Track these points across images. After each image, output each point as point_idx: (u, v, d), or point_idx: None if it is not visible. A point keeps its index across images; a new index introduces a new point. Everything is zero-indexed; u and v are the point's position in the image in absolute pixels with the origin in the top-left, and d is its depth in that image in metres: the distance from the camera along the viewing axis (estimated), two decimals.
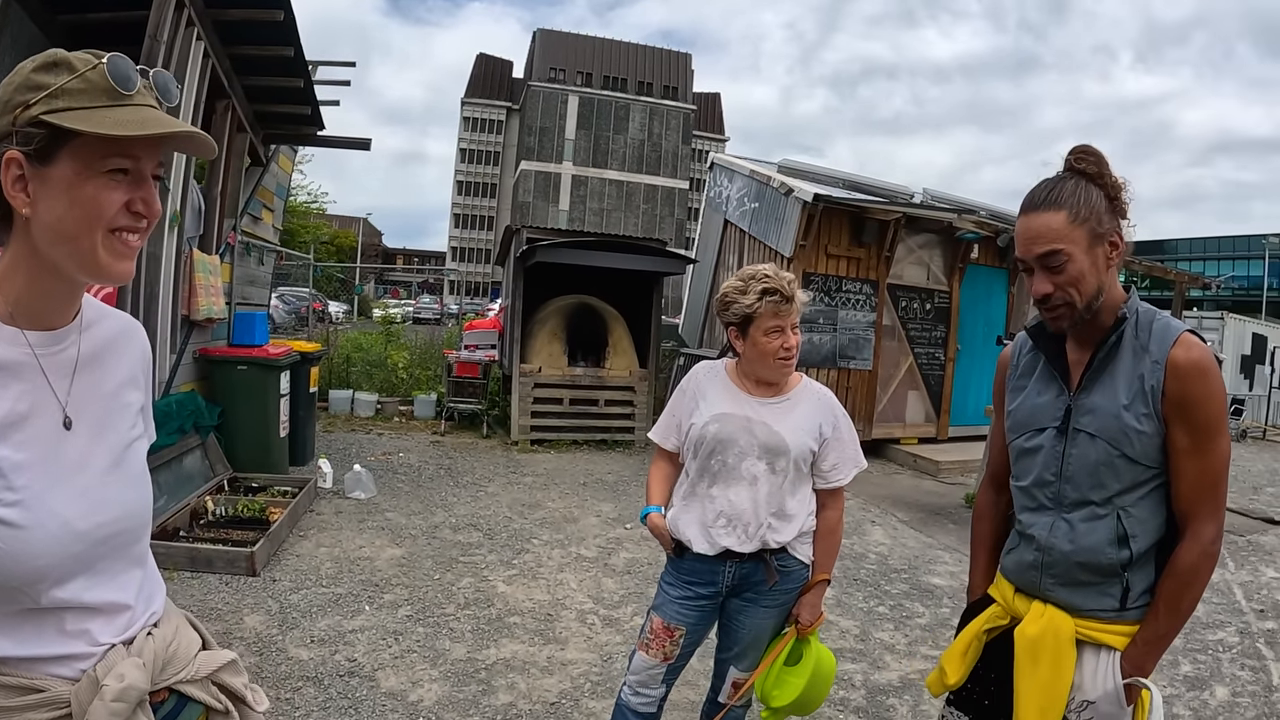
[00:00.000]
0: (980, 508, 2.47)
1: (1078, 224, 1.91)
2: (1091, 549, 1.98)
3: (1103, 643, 2.00)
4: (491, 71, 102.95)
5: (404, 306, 39.02)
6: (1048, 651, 2.00)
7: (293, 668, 4.10)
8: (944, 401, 12.36)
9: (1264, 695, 4.58)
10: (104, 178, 1.18)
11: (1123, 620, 1.99)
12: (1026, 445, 2.15)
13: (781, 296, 2.63)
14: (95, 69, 1.16)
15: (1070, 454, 2.02)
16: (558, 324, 11.16)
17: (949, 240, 12.09)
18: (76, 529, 1.21)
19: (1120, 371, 1.98)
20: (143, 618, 1.36)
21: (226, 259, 7.90)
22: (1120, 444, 1.94)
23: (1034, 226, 1.95)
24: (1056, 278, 1.94)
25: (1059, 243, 1.91)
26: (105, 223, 1.20)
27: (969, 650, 2.23)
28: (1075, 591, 2.03)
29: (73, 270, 1.23)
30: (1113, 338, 1.98)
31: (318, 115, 8.35)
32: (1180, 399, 1.89)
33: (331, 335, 15.02)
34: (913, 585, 6.08)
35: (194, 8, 5.79)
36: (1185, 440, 1.90)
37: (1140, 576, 1.99)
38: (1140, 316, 1.99)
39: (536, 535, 6.66)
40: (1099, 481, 1.98)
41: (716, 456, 2.71)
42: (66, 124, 1.13)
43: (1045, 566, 2.07)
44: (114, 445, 1.34)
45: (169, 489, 6.02)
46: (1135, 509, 1.97)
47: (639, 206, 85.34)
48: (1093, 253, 1.93)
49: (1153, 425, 1.92)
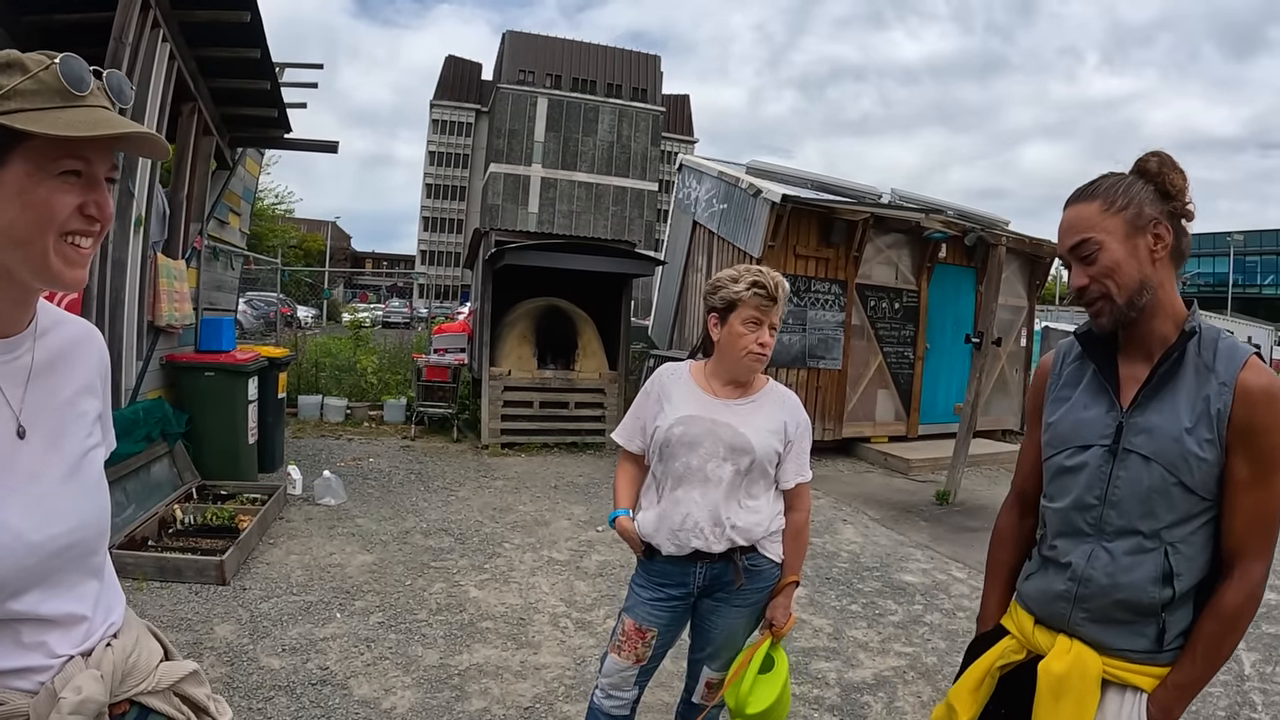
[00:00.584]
0: (1001, 530, 2.27)
1: (1112, 213, 1.81)
2: (1134, 586, 1.82)
3: (1129, 683, 1.86)
4: (460, 74, 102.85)
5: (373, 310, 38.84)
6: (1073, 690, 1.86)
7: (264, 677, 4.06)
8: (914, 400, 12.44)
9: (1236, 685, 4.65)
10: (56, 180, 1.16)
11: (1155, 662, 1.85)
12: (1067, 463, 1.96)
13: (768, 294, 2.66)
14: (48, 69, 1.14)
15: (1118, 476, 1.85)
16: (527, 327, 11.14)
17: (917, 240, 12.16)
18: (30, 541, 1.19)
19: (1183, 390, 1.81)
20: (101, 629, 1.35)
21: (193, 264, 7.83)
22: (1178, 470, 1.78)
23: (1067, 218, 1.88)
24: (1090, 269, 1.83)
25: (1089, 231, 1.82)
26: (58, 226, 1.18)
27: (981, 686, 2.07)
28: (1107, 630, 1.87)
29: (24, 276, 1.20)
30: (1176, 353, 1.82)
31: (285, 118, 8.30)
32: (1246, 426, 1.74)
33: (300, 340, 14.91)
34: (885, 583, 6.10)
35: (159, 9, 5.73)
36: (1245, 472, 1.75)
37: (1178, 617, 1.84)
38: (1204, 334, 1.84)
39: (508, 539, 6.64)
40: (1150, 510, 1.81)
41: (681, 459, 2.71)
42: (18, 125, 1.10)
43: (1079, 600, 1.89)
44: (70, 454, 1.32)
45: (136, 497, 5.95)
46: (1184, 545, 1.81)
47: (608, 208, 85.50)
48: (1131, 243, 1.81)
49: (1214, 453, 1.76)
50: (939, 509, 8.72)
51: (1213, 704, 4.39)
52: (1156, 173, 1.82)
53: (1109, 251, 1.80)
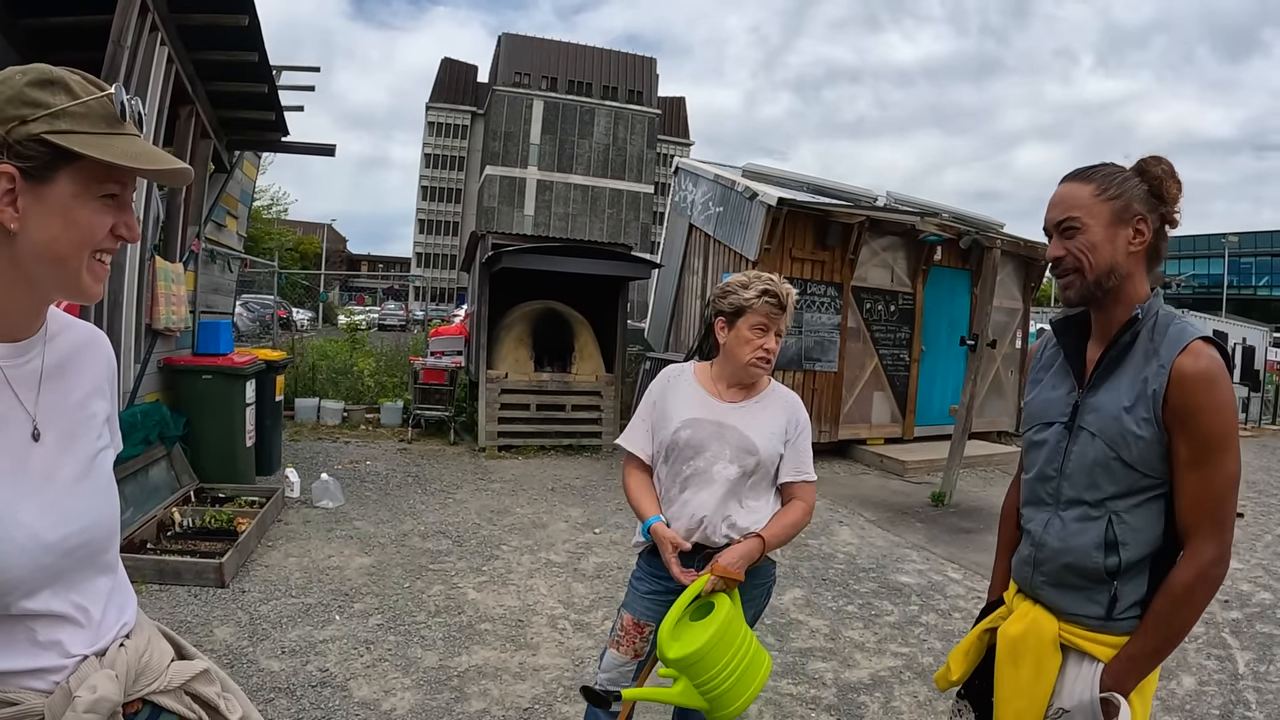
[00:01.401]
0: (1007, 506, 2.41)
1: (1103, 199, 1.91)
2: (1079, 550, 1.95)
3: (1087, 652, 1.95)
4: (456, 76, 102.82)
5: (369, 313, 38.83)
6: (1029, 653, 1.99)
7: (264, 679, 4.08)
8: (909, 402, 12.47)
9: (1230, 684, 4.68)
10: (98, 202, 1.22)
11: (1109, 630, 1.94)
12: (1035, 438, 2.14)
13: (779, 302, 2.69)
14: (99, 99, 1.20)
15: (1072, 451, 2.00)
16: (524, 329, 11.15)
17: (912, 242, 12.20)
18: (45, 540, 1.22)
19: (1128, 372, 1.93)
20: (115, 628, 1.37)
21: (190, 267, 7.83)
22: (1117, 446, 1.90)
23: (1060, 193, 1.97)
24: (1068, 242, 1.94)
25: (1076, 210, 1.92)
26: (94, 245, 1.23)
27: (971, 649, 2.23)
28: (1063, 593, 2.00)
29: (52, 288, 1.25)
30: (1125, 336, 1.94)
31: (282, 121, 8.31)
32: (1182, 408, 1.83)
33: (297, 343, 14.94)
34: (881, 584, 6.13)
35: (158, 13, 5.73)
36: (1186, 452, 1.84)
37: (1131, 588, 1.92)
38: (1159, 318, 1.94)
39: (506, 541, 6.66)
40: (1093, 482, 1.95)
41: (689, 461, 2.72)
42: (76, 148, 1.16)
43: (1037, 563, 2.06)
44: (81, 456, 1.34)
45: (135, 501, 5.96)
46: (1129, 516, 1.91)
47: (604, 211, 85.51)
48: (1113, 230, 1.91)
49: (1152, 431, 1.86)
50: (935, 510, 8.74)
51: (1207, 703, 4.42)
52: (1156, 177, 1.93)
53: (1090, 232, 1.92)
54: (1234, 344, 20.06)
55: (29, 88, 1.16)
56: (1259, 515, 9.35)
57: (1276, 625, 5.66)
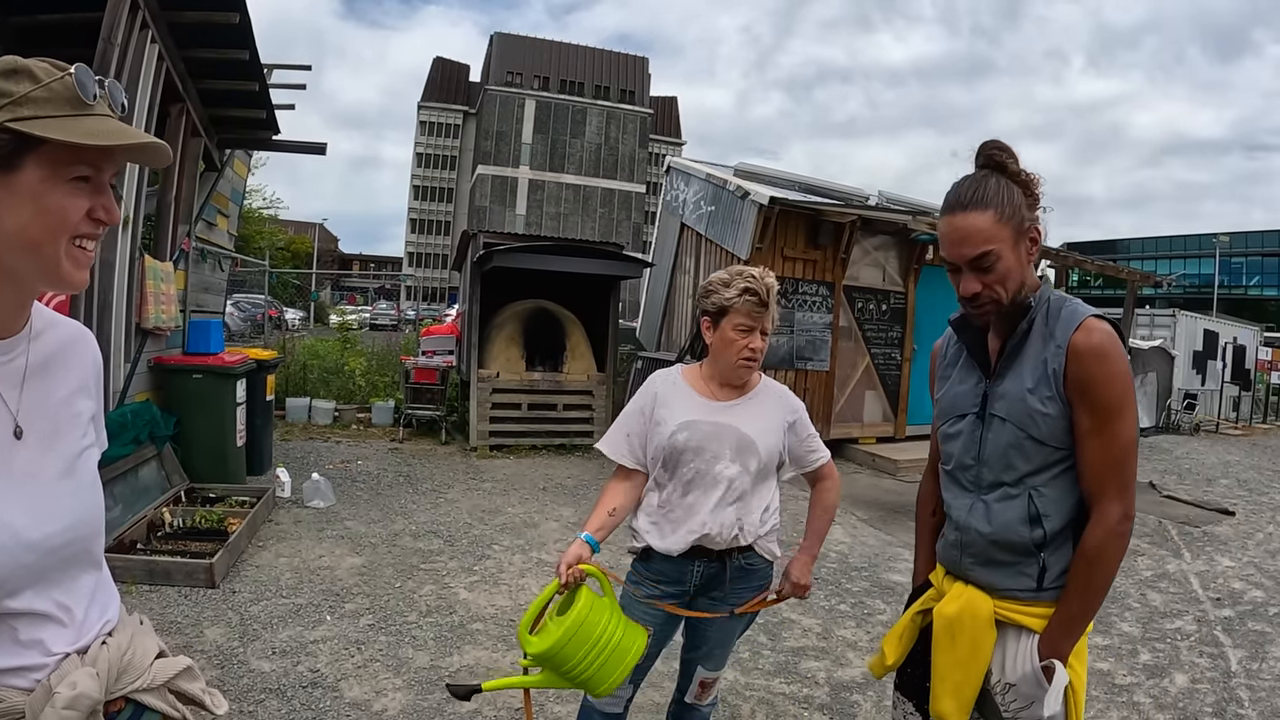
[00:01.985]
0: (923, 495, 2.52)
1: (1004, 222, 1.96)
2: (1005, 527, 2.04)
3: (1022, 624, 2.04)
4: (448, 75, 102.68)
5: (361, 312, 38.76)
6: (965, 631, 2.06)
7: (255, 680, 4.06)
8: (901, 401, 12.49)
9: (1223, 681, 4.69)
10: (69, 185, 1.19)
11: (1040, 601, 2.03)
12: (949, 431, 2.22)
13: (759, 299, 2.66)
14: (61, 80, 1.17)
15: (986, 438, 2.10)
16: (515, 329, 11.14)
17: (904, 242, 12.22)
18: (28, 539, 1.20)
19: (1028, 357, 2.03)
20: (97, 626, 1.36)
21: (181, 266, 7.80)
22: (1026, 426, 2.00)
23: (963, 228, 1.99)
24: (986, 277, 1.99)
25: (989, 243, 1.96)
26: (70, 230, 1.21)
27: (904, 633, 2.30)
28: (993, 571, 2.09)
29: (32, 278, 1.23)
30: (1023, 325, 2.04)
31: (273, 119, 8.28)
32: (1080, 381, 1.94)
33: (288, 342, 14.90)
34: (874, 583, 6.13)
35: (148, 10, 5.71)
36: (1087, 421, 1.95)
37: (1057, 558, 2.02)
38: (1050, 304, 2.05)
39: (497, 541, 6.64)
40: (1009, 463, 2.04)
41: (689, 464, 2.69)
42: (38, 132, 1.13)
43: (964, 546, 2.14)
44: (65, 454, 1.33)
45: (125, 501, 5.93)
46: (1047, 489, 2.02)
47: (596, 210, 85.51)
48: (1017, 249, 1.99)
49: (1056, 407, 1.97)
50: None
51: (1200, 700, 4.42)
52: (1017, 174, 2.02)
53: (1004, 260, 1.98)
54: (1225, 343, 20.17)
55: None
56: (1250, 514, 9.37)
57: (1268, 623, 5.67)
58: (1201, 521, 8.67)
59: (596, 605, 2.51)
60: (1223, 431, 18.37)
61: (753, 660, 4.66)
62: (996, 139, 2.05)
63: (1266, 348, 23.08)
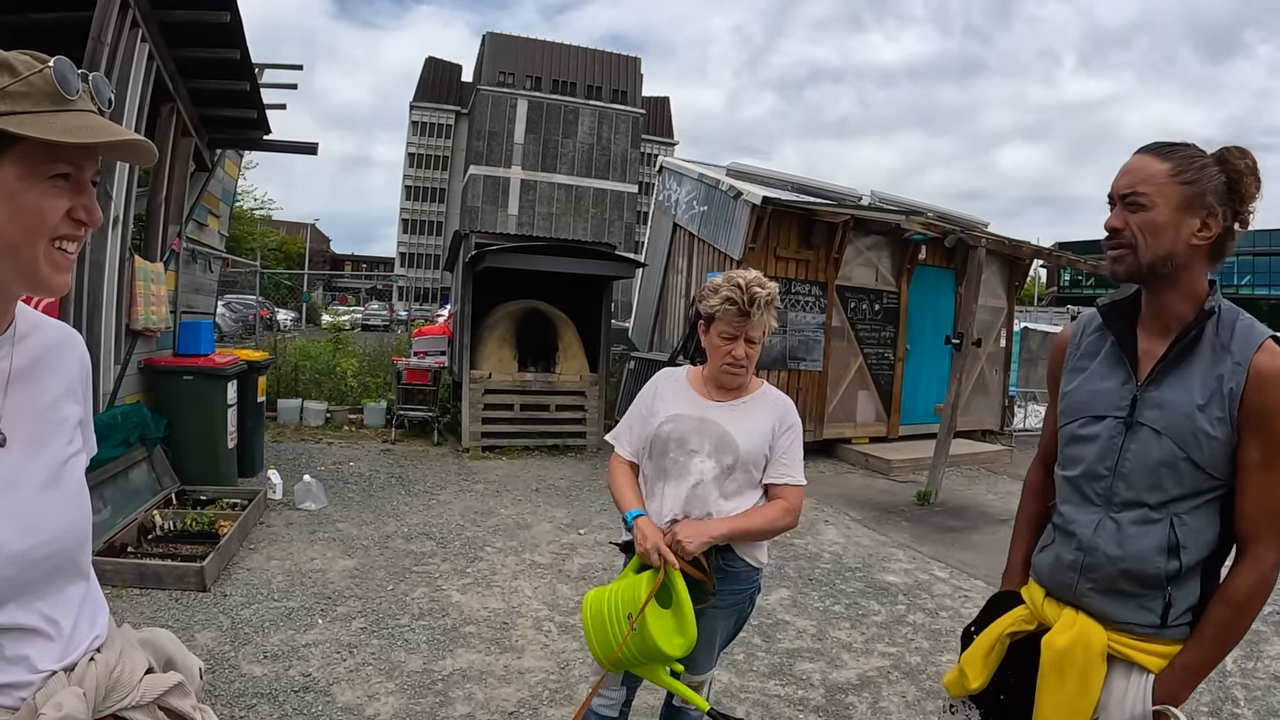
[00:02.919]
0: (1031, 485, 2.31)
1: (1176, 181, 1.79)
2: (1139, 555, 1.84)
3: (1136, 662, 1.87)
4: (440, 75, 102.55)
5: (353, 313, 38.68)
6: (1075, 666, 1.87)
7: (246, 684, 4.03)
8: (894, 401, 12.49)
9: (1218, 680, 4.69)
10: (46, 184, 1.15)
11: (1160, 639, 1.86)
12: (1081, 432, 2.00)
13: (739, 309, 2.64)
14: (40, 74, 1.13)
15: (1129, 449, 1.88)
16: (507, 329, 11.11)
17: (897, 241, 12.21)
18: (10, 551, 1.17)
19: (1197, 368, 1.83)
20: (86, 640, 1.32)
21: (171, 266, 7.76)
22: (1188, 446, 1.80)
23: (1133, 164, 1.85)
24: (1131, 215, 1.83)
25: (1146, 185, 1.81)
26: (49, 231, 1.16)
27: (992, 653, 2.08)
28: (1113, 601, 1.90)
29: (10, 282, 1.19)
30: (1194, 330, 1.84)
31: (264, 119, 8.25)
32: (1259, 408, 1.76)
33: (279, 343, 14.86)
34: (868, 583, 6.12)
35: (139, 9, 5.68)
36: (1257, 455, 1.77)
37: (1184, 593, 1.85)
38: (1223, 314, 1.85)
39: (490, 543, 6.61)
40: (1157, 483, 1.84)
41: (669, 455, 2.74)
42: (13, 129, 1.09)
43: (1085, 569, 1.93)
44: (50, 462, 1.29)
45: (115, 503, 5.90)
46: (1190, 518, 1.83)
47: (588, 210, 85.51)
48: (1180, 215, 1.80)
49: (1225, 431, 1.78)
50: (920, 509, 8.75)
51: (1195, 700, 4.41)
52: (1237, 170, 1.81)
53: (1156, 211, 1.81)
54: None
55: None
56: None
57: (1263, 622, 5.67)
58: None
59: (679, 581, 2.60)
60: None
61: (747, 662, 4.65)
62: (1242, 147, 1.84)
63: None
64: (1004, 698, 2.06)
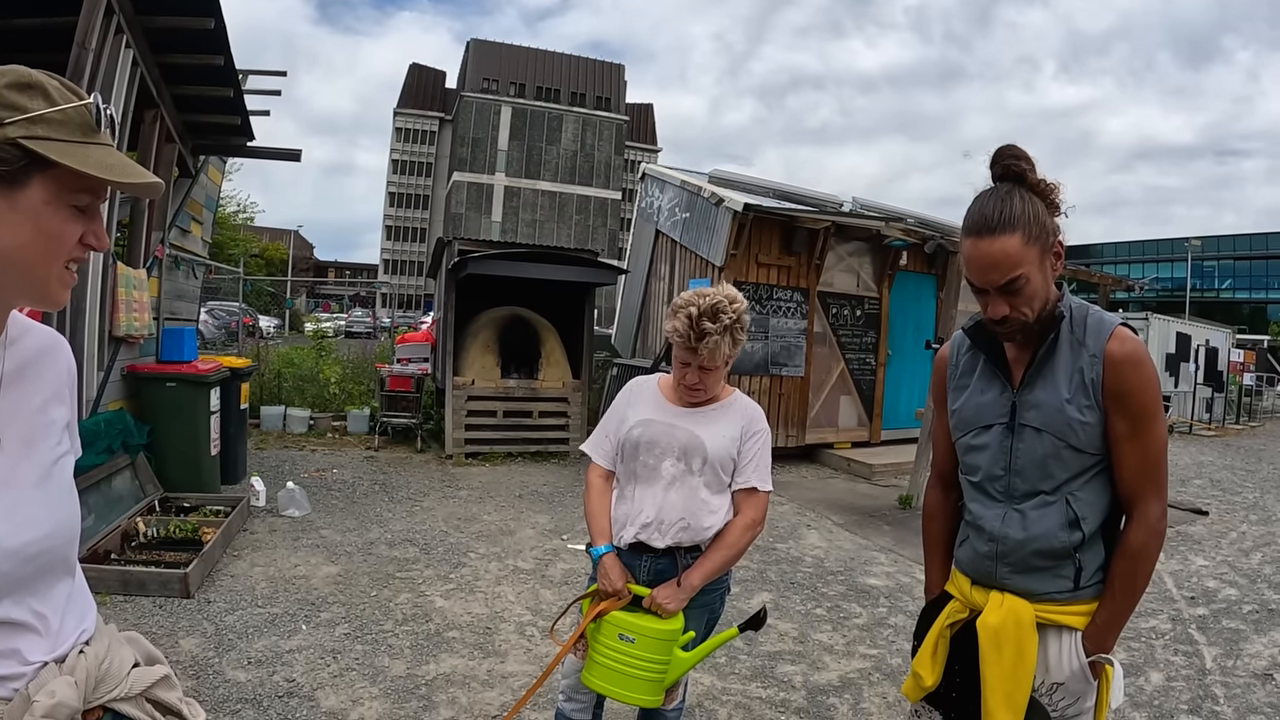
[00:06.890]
0: (930, 507, 2.50)
1: (1032, 244, 1.93)
2: (1045, 535, 2.05)
3: (1063, 624, 2.07)
4: (424, 82, 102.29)
5: (336, 320, 38.56)
6: (1010, 639, 2.05)
7: (230, 690, 4.03)
8: (876, 406, 12.55)
9: (1198, 679, 4.74)
10: (69, 210, 1.20)
11: (1078, 600, 2.07)
12: (974, 442, 2.20)
13: (684, 341, 2.66)
14: (77, 108, 1.18)
15: (1018, 448, 2.09)
16: (490, 336, 11.11)
17: (878, 248, 12.28)
18: (6, 547, 1.20)
19: (1060, 366, 2.04)
20: (74, 635, 1.35)
21: (154, 273, 7.75)
22: (1065, 436, 2.01)
23: (991, 254, 1.93)
24: (1014, 300, 1.97)
25: (1018, 268, 1.93)
26: (65, 255, 1.22)
27: (937, 649, 2.28)
28: (1030, 577, 2.09)
29: (18, 295, 1.23)
30: (1051, 335, 2.04)
31: (248, 125, 8.25)
32: (1118, 389, 1.97)
33: (262, 350, 14.79)
34: (849, 586, 6.16)
35: (123, 15, 5.68)
36: (1124, 427, 1.99)
37: (1091, 556, 2.06)
38: (1074, 313, 2.06)
39: (473, 549, 6.63)
40: (1047, 473, 2.05)
41: (639, 458, 2.79)
42: (54, 156, 1.13)
43: (1000, 556, 2.12)
44: (41, 461, 1.32)
45: (98, 510, 5.88)
46: (1082, 493, 2.04)
47: (571, 217, 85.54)
48: (1043, 267, 1.98)
49: (1094, 415, 2.00)
50: (902, 513, 8.79)
51: (1175, 698, 4.47)
52: (1036, 185, 1.98)
53: (1033, 283, 1.97)
54: (1198, 345, 20.43)
55: (6, 90, 1.14)
56: (1224, 513, 9.49)
57: (1243, 620, 5.75)
58: (1175, 521, 8.74)
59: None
60: (1196, 433, 18.64)
61: (729, 665, 4.68)
62: (1013, 145, 2.01)
63: (1238, 350, 23.39)
64: (955, 695, 2.24)
